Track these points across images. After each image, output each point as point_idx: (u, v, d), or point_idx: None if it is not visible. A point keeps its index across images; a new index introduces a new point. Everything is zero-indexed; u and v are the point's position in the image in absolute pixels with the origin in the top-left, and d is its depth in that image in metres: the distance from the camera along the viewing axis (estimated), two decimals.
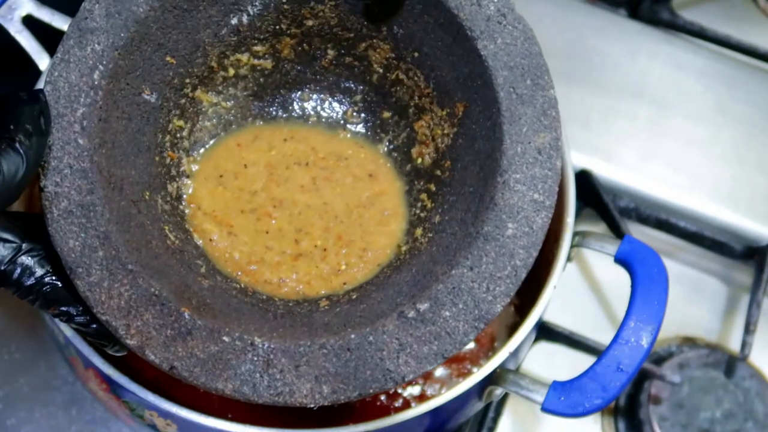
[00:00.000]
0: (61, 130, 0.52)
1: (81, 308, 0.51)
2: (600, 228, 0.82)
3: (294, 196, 0.62)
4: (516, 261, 0.53)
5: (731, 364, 0.77)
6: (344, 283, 0.60)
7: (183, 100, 0.61)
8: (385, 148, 0.64)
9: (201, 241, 0.60)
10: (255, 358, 0.51)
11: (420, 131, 0.63)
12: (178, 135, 0.61)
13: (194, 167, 0.62)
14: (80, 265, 0.50)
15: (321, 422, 0.59)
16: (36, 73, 0.65)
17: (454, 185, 0.59)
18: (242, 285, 0.59)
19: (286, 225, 0.61)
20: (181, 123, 0.61)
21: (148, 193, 0.57)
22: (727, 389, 0.76)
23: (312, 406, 0.51)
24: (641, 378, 0.76)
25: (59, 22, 0.63)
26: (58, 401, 0.72)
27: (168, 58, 0.58)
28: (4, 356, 0.74)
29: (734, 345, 0.80)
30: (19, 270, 0.49)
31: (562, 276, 0.66)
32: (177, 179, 0.61)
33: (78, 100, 0.53)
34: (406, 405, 0.70)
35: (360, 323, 0.53)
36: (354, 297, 0.57)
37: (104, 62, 0.54)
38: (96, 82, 0.53)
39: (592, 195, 0.83)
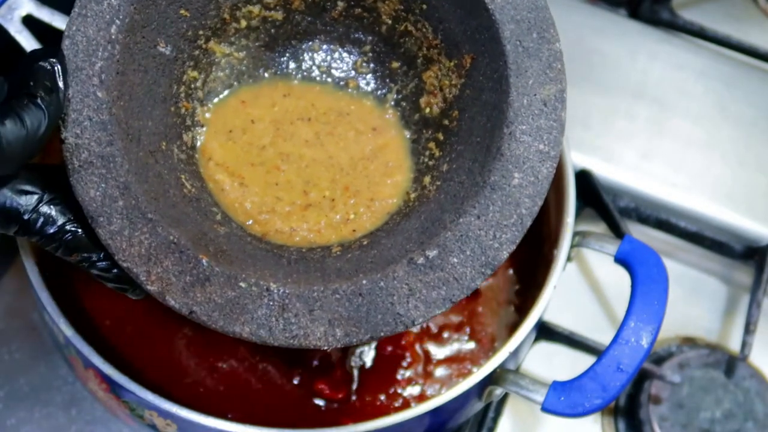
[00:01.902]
0: (80, 84, 0.53)
1: (102, 254, 0.53)
2: (600, 228, 0.82)
3: (300, 150, 0.63)
4: (522, 210, 0.54)
5: (731, 364, 0.77)
6: (354, 231, 0.61)
7: (197, 52, 0.62)
8: (394, 99, 0.65)
9: (213, 186, 0.61)
10: (271, 303, 0.52)
11: (428, 81, 0.64)
12: (193, 86, 0.62)
13: (208, 115, 0.63)
14: (101, 214, 0.52)
15: (321, 422, 0.59)
16: None
17: (462, 135, 0.60)
18: (256, 233, 0.60)
19: (294, 177, 0.62)
20: (195, 74, 0.62)
21: (164, 143, 0.58)
22: (727, 389, 0.76)
23: (326, 348, 0.52)
24: (641, 378, 0.76)
25: (59, 22, 0.63)
26: (58, 401, 0.72)
27: (182, 11, 0.59)
28: (4, 356, 0.74)
29: (734, 345, 0.80)
30: (42, 219, 0.51)
31: (562, 276, 0.67)
32: (192, 129, 0.62)
33: (96, 54, 0.54)
34: (406, 405, 0.70)
35: (371, 269, 0.54)
36: (365, 243, 0.58)
37: (120, 16, 0.55)
38: (113, 36, 0.54)
39: (592, 195, 0.83)
